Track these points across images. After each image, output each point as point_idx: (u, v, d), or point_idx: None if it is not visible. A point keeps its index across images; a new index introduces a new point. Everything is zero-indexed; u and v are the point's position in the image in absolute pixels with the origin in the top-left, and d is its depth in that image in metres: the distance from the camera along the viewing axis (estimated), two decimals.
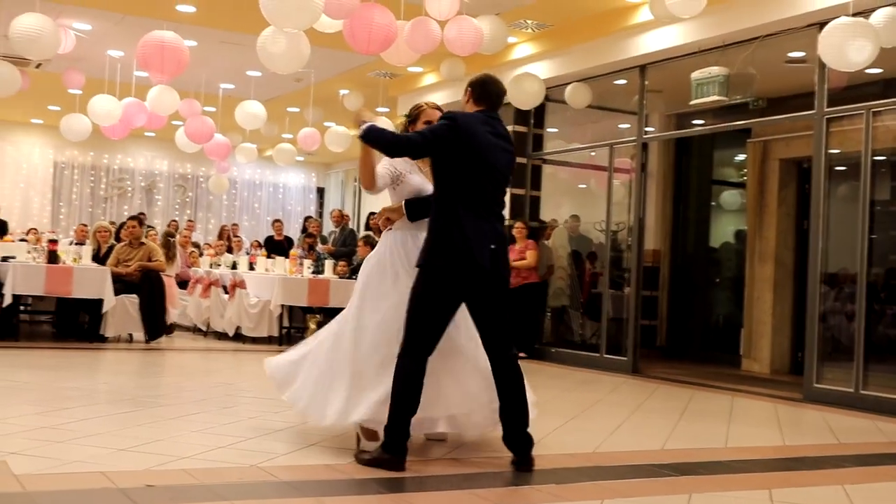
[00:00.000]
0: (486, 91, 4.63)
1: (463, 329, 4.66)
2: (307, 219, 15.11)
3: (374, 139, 4.45)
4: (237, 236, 15.97)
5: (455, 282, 4.39)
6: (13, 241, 11.08)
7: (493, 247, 4.41)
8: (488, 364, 4.56)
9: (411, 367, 4.32)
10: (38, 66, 13.21)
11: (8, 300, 9.14)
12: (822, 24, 7.49)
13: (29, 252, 10.11)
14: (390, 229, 4.83)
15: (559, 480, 4.32)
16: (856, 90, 8.47)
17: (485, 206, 4.45)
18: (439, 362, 4.50)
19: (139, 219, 10.77)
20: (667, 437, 5.78)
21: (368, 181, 4.68)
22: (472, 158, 4.41)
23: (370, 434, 4.55)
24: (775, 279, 10.89)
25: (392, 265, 4.73)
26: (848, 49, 6.90)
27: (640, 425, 6.33)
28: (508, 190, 4.70)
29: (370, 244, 11.46)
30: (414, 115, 4.95)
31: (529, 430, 4.52)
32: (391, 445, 4.30)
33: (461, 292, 4.44)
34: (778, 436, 6.31)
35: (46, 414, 5.37)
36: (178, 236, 14.01)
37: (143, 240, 10.42)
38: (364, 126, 4.47)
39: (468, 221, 4.37)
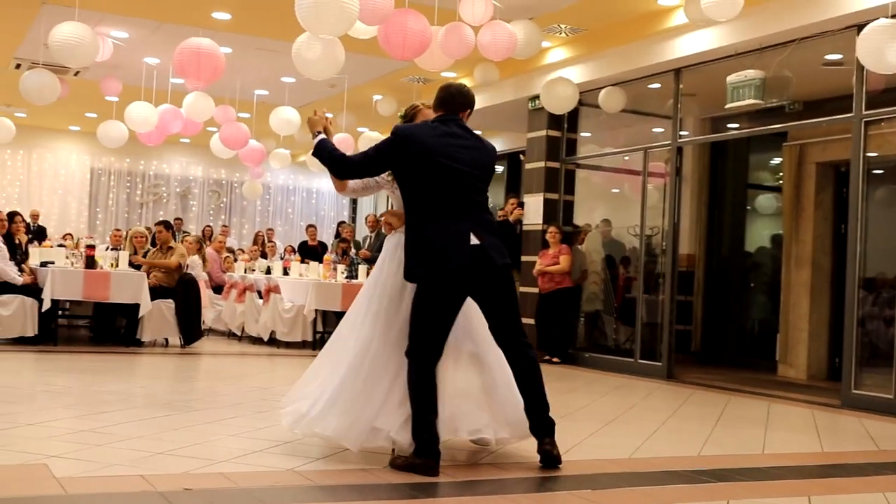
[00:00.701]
0: (442, 94, 4.66)
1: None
2: (341, 224, 15.17)
3: (322, 156, 4.62)
4: (272, 241, 16.05)
5: (441, 288, 4.41)
6: (52, 247, 11.23)
7: (475, 243, 4.39)
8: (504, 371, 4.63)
9: (420, 371, 4.37)
10: (77, 73, 13.38)
11: (47, 305, 9.25)
12: (860, 26, 7.41)
13: (67, 257, 10.22)
14: (393, 233, 4.84)
15: (595, 486, 4.30)
16: (895, 93, 8.36)
17: (453, 207, 4.43)
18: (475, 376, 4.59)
19: (167, 223, 10.84)
20: (703, 443, 5.74)
21: (336, 184, 4.84)
22: (424, 166, 4.42)
23: None
24: (812, 284, 10.78)
25: (389, 268, 4.72)
26: (887, 51, 6.83)
27: (675, 431, 6.28)
28: (542, 194, 4.70)
29: None
30: (410, 115, 4.95)
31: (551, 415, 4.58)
32: (421, 449, 4.31)
33: (454, 295, 4.46)
34: (816, 442, 6.24)
35: (85, 417, 5.42)
36: (212, 241, 14.13)
37: (172, 244, 10.48)
38: (316, 139, 4.63)
39: (437, 228, 4.39)
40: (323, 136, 4.73)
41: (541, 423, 4.54)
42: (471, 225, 4.43)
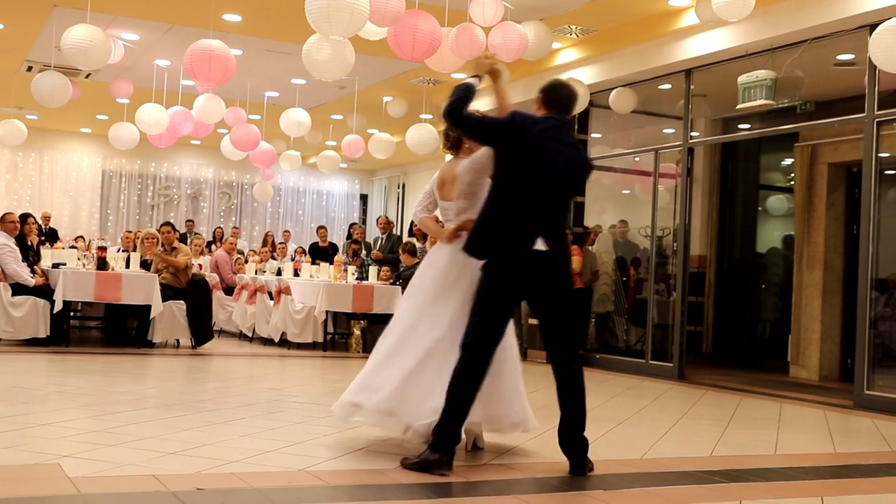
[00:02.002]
0: (555, 95, 4.65)
1: None
2: (353, 225, 15.20)
3: (456, 93, 4.63)
4: (282, 243, 16.08)
5: (502, 282, 4.40)
6: (63, 249, 11.27)
7: (538, 249, 4.36)
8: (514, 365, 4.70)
9: (472, 363, 4.35)
10: (88, 76, 13.44)
11: (59, 306, 9.29)
12: (872, 26, 7.39)
13: (79, 259, 10.26)
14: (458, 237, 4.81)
15: (607, 487, 4.30)
16: None
17: (534, 208, 4.40)
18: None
19: (172, 224, 10.87)
20: (715, 444, 5.73)
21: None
22: (524, 158, 4.40)
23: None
24: (824, 285, 10.75)
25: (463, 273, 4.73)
26: None
27: (687, 432, 6.27)
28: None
29: (411, 252, 11.53)
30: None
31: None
32: (440, 445, 4.30)
33: (510, 292, 4.45)
34: (829, 443, 6.22)
35: (97, 418, 5.44)
36: (223, 243, 14.16)
37: (175, 244, 10.50)
38: (467, 80, 4.63)
39: (507, 222, 4.38)
40: (474, 81, 4.69)
41: (573, 442, 4.49)
42: (542, 230, 4.40)
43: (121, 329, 10.39)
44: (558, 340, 4.52)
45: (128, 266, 10.11)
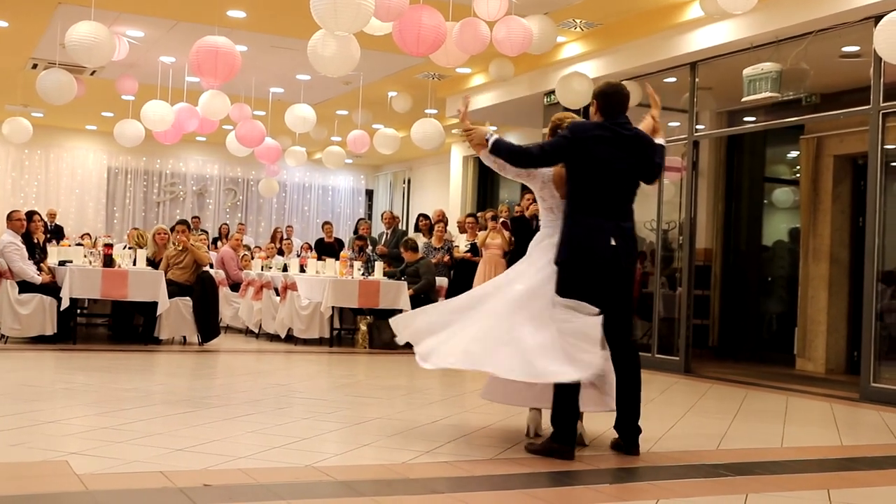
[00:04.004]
0: (610, 103, 4.96)
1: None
2: (360, 220, 15.22)
3: (502, 150, 4.94)
4: (288, 239, 16.10)
5: (581, 275, 4.74)
6: (69, 246, 11.29)
7: (613, 242, 4.77)
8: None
9: None
10: (93, 73, 13.45)
11: (65, 304, 9.31)
12: (877, 18, 7.37)
13: (85, 256, 10.28)
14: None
15: (614, 480, 4.30)
16: None
17: (605, 206, 4.81)
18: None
19: (188, 223, 10.89)
20: (721, 437, 5.73)
21: (501, 167, 5.08)
22: (587, 166, 4.80)
23: None
24: (830, 277, 10.73)
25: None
26: None
27: (693, 425, 6.27)
28: None
29: (413, 249, 11.54)
30: (555, 126, 5.27)
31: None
32: (562, 435, 4.64)
33: (589, 283, 4.75)
34: (835, 436, 6.21)
35: (104, 415, 5.46)
36: (229, 239, 14.17)
37: (190, 245, 10.49)
38: (492, 139, 4.93)
39: (587, 221, 4.79)
40: (493, 135, 5.00)
41: (628, 427, 4.87)
42: (614, 224, 4.82)
43: (127, 326, 10.42)
44: (619, 330, 4.81)
45: (135, 263, 10.13)
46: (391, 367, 9.33)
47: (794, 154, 12.28)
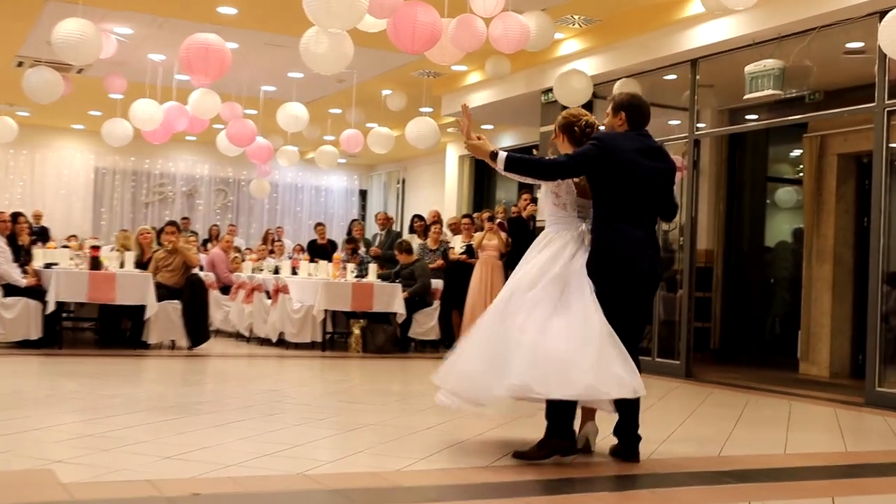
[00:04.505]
0: (640, 115, 5.09)
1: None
2: (353, 222, 15.20)
3: (522, 166, 4.89)
4: (280, 240, 16.08)
5: (619, 285, 4.81)
6: (55, 248, 11.27)
7: (649, 253, 4.91)
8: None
9: None
10: (80, 71, 13.42)
11: (51, 307, 9.29)
12: (882, 13, 7.37)
13: (71, 259, 10.25)
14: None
15: (614, 488, 4.29)
16: None
17: (638, 215, 4.92)
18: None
19: (177, 224, 10.87)
20: (723, 444, 5.72)
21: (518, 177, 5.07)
22: (620, 175, 4.87)
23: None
24: (834, 279, 10.73)
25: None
26: None
27: (695, 431, 6.26)
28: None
29: (407, 250, 11.53)
30: (569, 124, 5.23)
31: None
32: (558, 429, 4.71)
33: (625, 293, 4.84)
34: (839, 442, 6.21)
35: (91, 422, 5.44)
36: (219, 241, 14.15)
37: (179, 246, 10.47)
38: (501, 156, 4.87)
39: (626, 231, 4.86)
40: (501, 151, 4.95)
41: (628, 434, 4.91)
42: (647, 234, 4.97)
43: (115, 330, 10.38)
44: (631, 337, 4.84)
45: (122, 266, 10.10)
46: (385, 371, 9.31)
47: (797, 153, 12.29)
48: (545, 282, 4.81)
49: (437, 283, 11.73)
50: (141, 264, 10.40)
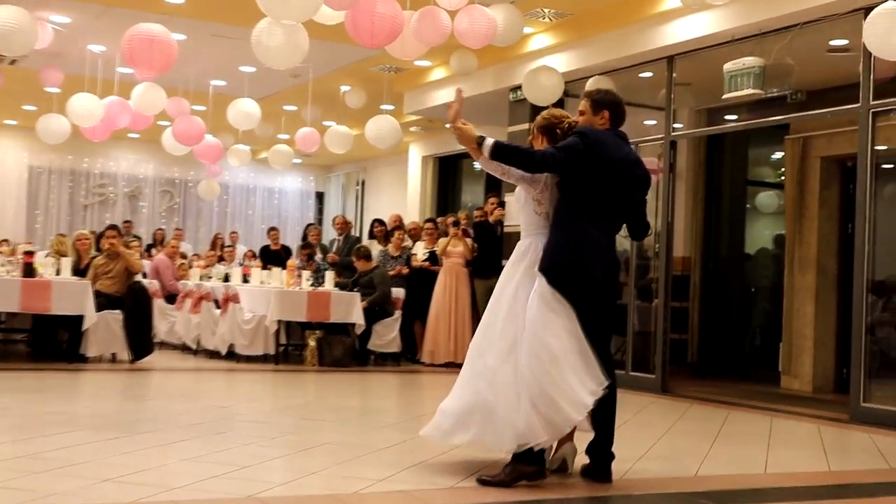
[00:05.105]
0: (622, 113, 5.16)
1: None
2: (309, 226, 15.15)
3: (509, 154, 4.90)
4: (230, 246, 15.99)
5: (567, 288, 4.80)
6: None
7: (605, 261, 4.92)
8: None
9: None
10: (13, 62, 13.28)
11: None
12: (867, 10, 7.46)
13: (3, 265, 10.13)
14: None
15: None
16: None
17: (605, 220, 4.97)
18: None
19: (119, 228, 10.78)
20: (701, 462, 5.75)
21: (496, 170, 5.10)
22: (599, 173, 4.89)
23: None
24: (817, 288, 10.84)
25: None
26: None
27: (671, 449, 6.30)
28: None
29: (366, 257, 11.52)
30: (550, 126, 5.27)
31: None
32: (530, 455, 4.68)
33: (575, 301, 4.81)
34: (822, 460, 6.27)
35: (24, 442, 5.37)
36: (164, 246, 14.04)
37: (121, 250, 10.39)
38: (487, 142, 4.86)
39: (587, 233, 4.87)
40: (488, 138, 4.94)
41: (602, 455, 4.95)
42: (609, 240, 5.01)
43: (50, 342, 10.26)
44: (600, 348, 4.87)
45: (58, 273, 9.99)
46: (342, 386, 9.29)
47: (778, 155, 12.41)
48: (506, 312, 4.95)
49: (399, 292, 11.72)
50: (79, 271, 10.31)
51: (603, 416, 4.89)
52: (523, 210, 5.17)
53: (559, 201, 5.00)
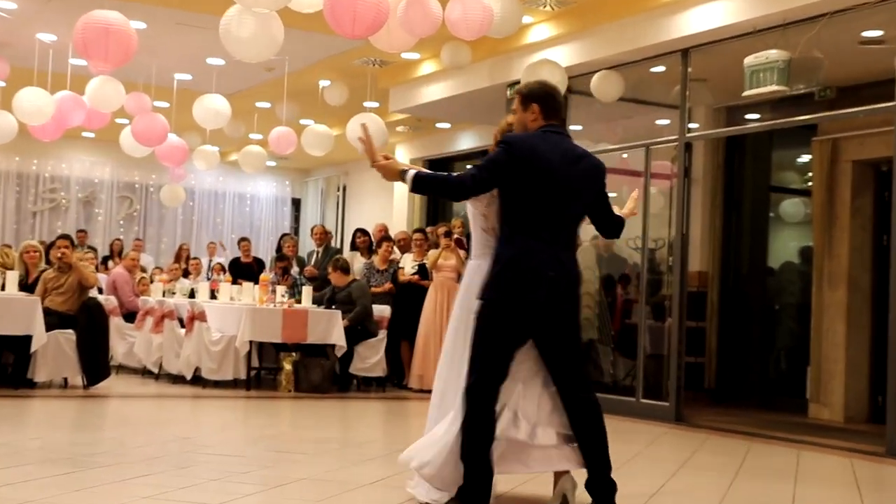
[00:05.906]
0: (556, 104, 5.06)
1: None
2: (283, 237, 15.15)
3: (429, 187, 5.00)
4: (196, 258, 15.97)
5: (508, 317, 4.77)
6: None
7: (551, 274, 4.76)
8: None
9: (475, 407, 4.75)
10: None
11: None
12: None
13: None
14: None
15: None
16: None
17: (552, 230, 4.84)
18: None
19: (71, 238, 10.77)
20: (720, 501, 5.75)
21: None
22: (536, 181, 4.81)
23: None
24: (848, 306, 10.86)
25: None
26: None
27: (687, 485, 6.29)
28: None
29: (343, 269, 11.51)
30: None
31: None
32: (467, 490, 4.69)
33: (518, 329, 4.80)
34: (856, 499, 6.27)
35: None
36: (123, 258, 14.02)
37: (73, 262, 10.37)
38: (409, 175, 4.87)
39: (526, 250, 4.79)
40: (411, 169, 4.96)
41: (599, 484, 4.84)
42: (554, 254, 4.83)
43: None
44: (569, 376, 4.89)
45: (3, 288, 9.97)
46: (321, 414, 9.27)
47: (805, 159, 12.45)
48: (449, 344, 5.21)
49: (383, 310, 11.70)
50: (26, 286, 10.28)
51: (591, 447, 4.87)
52: (473, 224, 5.25)
53: (500, 219, 4.99)
